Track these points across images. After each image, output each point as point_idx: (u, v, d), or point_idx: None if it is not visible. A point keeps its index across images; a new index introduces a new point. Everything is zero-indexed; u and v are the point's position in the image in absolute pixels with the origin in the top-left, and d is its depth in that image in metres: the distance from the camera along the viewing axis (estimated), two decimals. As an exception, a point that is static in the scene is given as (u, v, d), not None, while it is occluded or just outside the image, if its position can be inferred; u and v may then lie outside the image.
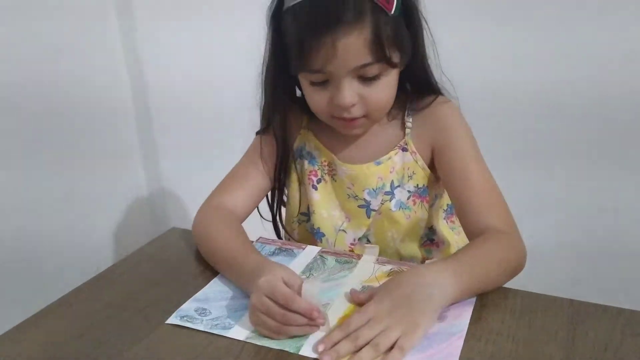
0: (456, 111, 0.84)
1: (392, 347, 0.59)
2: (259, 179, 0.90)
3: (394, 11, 0.72)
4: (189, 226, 0.88)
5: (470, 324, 0.64)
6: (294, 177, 0.91)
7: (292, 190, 0.92)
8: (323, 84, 0.76)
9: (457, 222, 0.93)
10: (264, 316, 0.63)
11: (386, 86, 0.77)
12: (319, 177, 0.89)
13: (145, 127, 1.43)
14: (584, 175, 1.45)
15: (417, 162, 0.85)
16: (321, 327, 0.63)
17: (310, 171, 0.89)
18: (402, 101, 0.84)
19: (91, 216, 1.37)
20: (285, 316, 0.62)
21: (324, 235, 0.89)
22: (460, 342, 0.61)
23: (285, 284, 0.64)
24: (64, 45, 1.22)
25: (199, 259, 0.81)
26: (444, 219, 0.92)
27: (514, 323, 0.65)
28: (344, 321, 0.62)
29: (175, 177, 1.47)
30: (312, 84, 0.77)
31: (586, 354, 0.59)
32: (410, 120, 0.84)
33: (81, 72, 1.27)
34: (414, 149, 0.85)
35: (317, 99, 0.78)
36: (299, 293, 0.63)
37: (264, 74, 0.83)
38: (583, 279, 1.43)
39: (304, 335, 0.62)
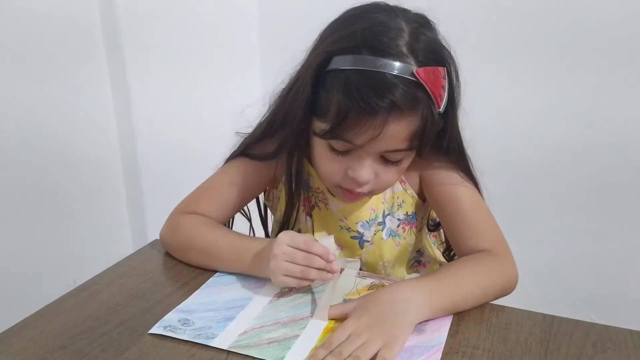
0: None
1: (373, 360, 0.60)
2: (236, 202, 0.88)
3: (441, 109, 0.70)
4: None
5: (448, 337, 0.66)
6: (284, 201, 0.90)
7: (281, 213, 0.91)
8: (343, 153, 0.73)
9: (440, 237, 0.95)
10: (288, 264, 0.70)
11: (400, 170, 0.77)
12: (313, 203, 0.88)
13: (128, 143, 1.43)
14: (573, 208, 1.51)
15: (406, 191, 0.86)
16: (331, 280, 0.71)
17: (304, 197, 0.88)
18: None
19: (68, 229, 1.36)
20: (307, 258, 0.69)
21: None
22: (439, 355, 0.62)
23: None
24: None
25: (183, 272, 0.81)
26: (427, 234, 0.93)
27: (490, 337, 0.67)
28: (326, 339, 0.63)
29: (156, 193, 1.47)
30: (332, 150, 0.73)
31: (559, 368, 0.61)
32: None
33: (67, 96, 1.29)
34: (404, 178, 0.85)
35: (331, 167, 0.75)
36: None
37: (284, 111, 0.78)
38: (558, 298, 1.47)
39: (286, 347, 0.63)
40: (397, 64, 0.66)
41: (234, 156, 0.88)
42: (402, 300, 0.66)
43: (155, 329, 0.67)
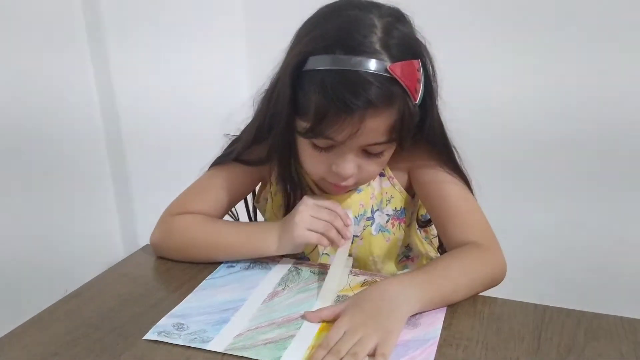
0: None
1: (370, 355, 0.61)
2: (227, 202, 0.89)
3: (418, 101, 0.71)
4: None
5: (442, 330, 0.66)
6: (275, 201, 0.91)
7: (271, 214, 0.93)
8: (326, 149, 0.74)
9: (430, 232, 0.96)
10: (312, 218, 0.76)
11: (382, 162, 0.78)
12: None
13: (117, 148, 1.42)
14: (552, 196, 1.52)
15: (394, 187, 0.87)
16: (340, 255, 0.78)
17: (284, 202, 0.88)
18: None
19: (58, 237, 1.35)
20: (331, 214, 0.77)
21: (308, 259, 0.90)
22: (434, 349, 0.63)
23: None
24: (34, 71, 1.23)
25: (175, 275, 0.81)
26: (418, 229, 0.94)
27: (483, 329, 0.67)
28: (323, 339, 0.63)
29: (146, 198, 1.46)
30: (315, 147, 0.75)
31: (551, 357, 0.62)
32: None
33: (52, 97, 1.27)
34: (391, 174, 0.86)
35: (315, 163, 0.77)
36: None
37: (273, 117, 0.78)
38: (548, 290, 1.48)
39: (282, 347, 0.64)
40: (370, 61, 0.66)
41: (223, 162, 0.88)
42: (392, 296, 0.67)
43: (150, 335, 0.66)
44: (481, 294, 0.75)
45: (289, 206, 0.87)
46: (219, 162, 0.89)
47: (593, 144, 1.44)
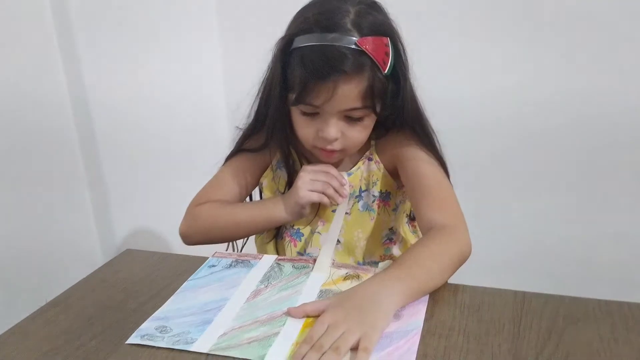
0: None
1: (353, 350, 0.61)
2: (242, 190, 0.99)
3: (387, 72, 0.81)
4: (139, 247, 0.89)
5: (424, 321, 0.67)
6: (270, 185, 0.99)
7: (268, 196, 1.00)
8: (313, 115, 0.85)
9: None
10: (312, 181, 0.89)
11: (364, 128, 0.87)
12: None
13: (91, 152, 1.41)
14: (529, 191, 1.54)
15: (380, 170, 0.95)
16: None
17: (287, 181, 0.98)
18: None
19: (34, 244, 1.33)
20: (328, 174, 0.90)
21: (303, 235, 0.96)
22: (417, 339, 0.64)
23: None
24: (3, 75, 1.21)
25: (156, 279, 0.81)
26: (407, 223, 1.00)
27: (464, 318, 0.68)
28: (306, 335, 0.63)
29: (122, 202, 1.45)
30: (304, 114, 0.85)
31: (532, 343, 0.63)
32: (375, 134, 0.94)
33: (23, 101, 1.25)
34: (378, 159, 0.95)
35: (305, 129, 0.87)
36: None
37: (268, 99, 0.90)
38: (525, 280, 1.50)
39: (267, 345, 0.64)
40: (343, 37, 0.79)
41: (234, 154, 1.00)
42: (374, 291, 0.68)
43: (132, 339, 0.66)
44: (462, 283, 0.76)
45: (291, 182, 0.96)
46: (230, 156, 1.00)
47: (571, 136, 1.45)
